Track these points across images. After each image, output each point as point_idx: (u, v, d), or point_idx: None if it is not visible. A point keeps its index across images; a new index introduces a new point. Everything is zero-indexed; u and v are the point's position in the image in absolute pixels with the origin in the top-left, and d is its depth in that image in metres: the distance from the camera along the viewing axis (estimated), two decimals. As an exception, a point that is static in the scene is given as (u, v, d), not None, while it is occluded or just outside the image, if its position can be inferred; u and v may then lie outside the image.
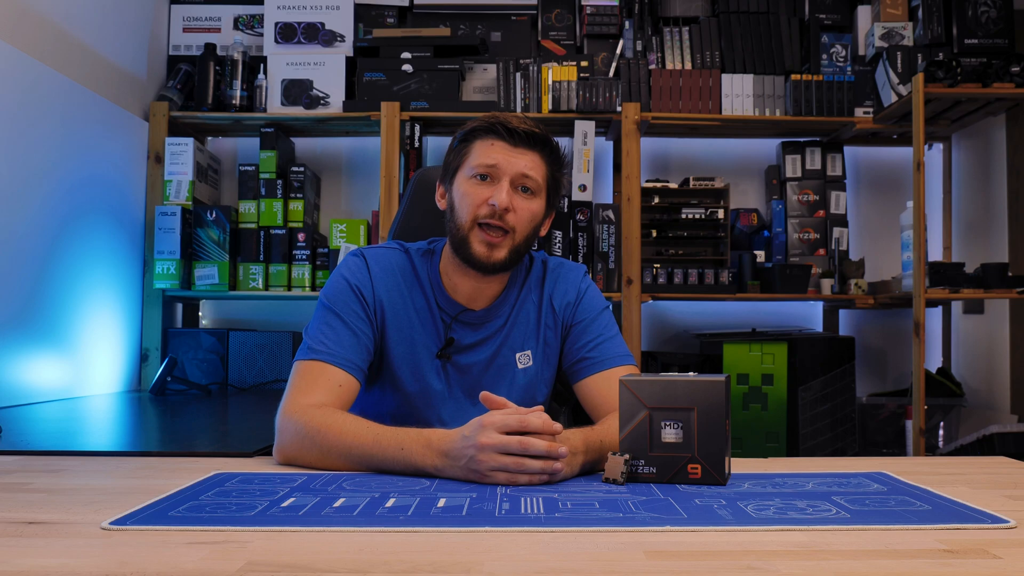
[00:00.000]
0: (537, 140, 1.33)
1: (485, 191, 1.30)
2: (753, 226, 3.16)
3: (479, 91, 3.12)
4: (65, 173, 2.43)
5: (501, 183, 1.30)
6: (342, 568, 0.71)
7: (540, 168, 1.33)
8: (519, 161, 1.31)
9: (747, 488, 1.05)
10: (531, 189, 1.32)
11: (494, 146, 1.31)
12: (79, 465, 1.22)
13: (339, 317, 1.32)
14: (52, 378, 2.36)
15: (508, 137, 1.31)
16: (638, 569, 0.72)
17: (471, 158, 1.33)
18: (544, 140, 1.34)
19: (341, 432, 1.15)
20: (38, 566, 0.72)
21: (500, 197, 1.28)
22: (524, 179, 1.31)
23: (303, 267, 2.98)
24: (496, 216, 1.29)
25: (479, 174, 1.31)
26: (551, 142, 1.35)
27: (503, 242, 1.31)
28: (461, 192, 1.33)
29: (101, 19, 2.69)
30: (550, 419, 1.07)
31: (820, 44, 3.10)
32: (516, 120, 1.32)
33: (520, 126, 1.31)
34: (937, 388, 2.95)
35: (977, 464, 1.29)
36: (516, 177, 1.31)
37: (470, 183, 1.32)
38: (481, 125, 1.33)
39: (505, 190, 1.29)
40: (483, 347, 1.39)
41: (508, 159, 1.30)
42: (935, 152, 3.30)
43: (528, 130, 1.31)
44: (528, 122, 1.33)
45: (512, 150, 1.31)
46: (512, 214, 1.30)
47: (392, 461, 1.11)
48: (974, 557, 0.75)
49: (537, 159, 1.33)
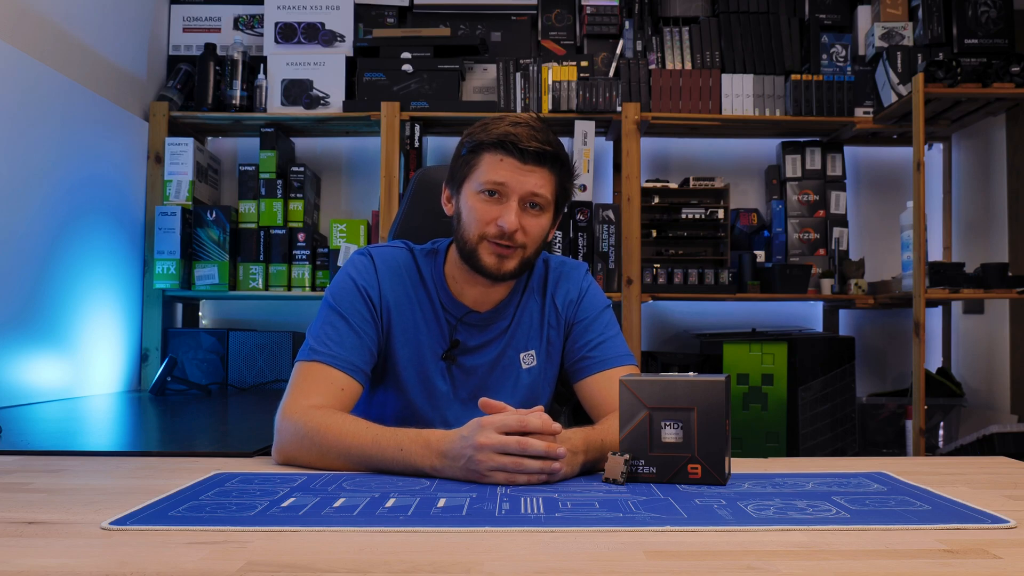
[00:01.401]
0: (547, 157, 1.30)
1: (493, 210, 1.29)
2: (753, 226, 3.16)
3: (479, 91, 3.12)
4: (65, 173, 2.43)
5: (510, 203, 1.29)
6: (342, 568, 0.71)
7: (549, 184, 1.32)
8: (528, 180, 1.29)
9: (747, 488, 1.05)
10: (540, 205, 1.31)
11: (503, 162, 1.29)
12: (79, 465, 1.22)
13: (343, 318, 1.32)
14: (52, 378, 2.36)
15: (518, 155, 1.28)
16: (638, 569, 0.72)
17: (479, 172, 1.31)
18: (554, 156, 1.31)
19: (340, 433, 1.15)
20: (38, 566, 0.72)
21: (509, 219, 1.28)
22: (533, 196, 1.30)
23: (303, 267, 2.98)
24: (505, 237, 1.29)
25: (487, 190, 1.30)
26: (560, 156, 1.32)
27: (513, 254, 1.31)
28: (469, 206, 1.31)
29: (101, 19, 2.69)
30: (550, 419, 1.07)
31: (820, 44, 3.10)
32: (527, 137, 1.28)
33: (530, 145, 1.28)
34: (937, 388, 2.95)
35: (977, 464, 1.29)
36: (525, 196, 1.29)
37: (478, 199, 1.30)
38: (490, 139, 1.30)
39: (514, 211, 1.28)
40: (488, 349, 1.39)
41: (517, 178, 1.28)
42: (935, 152, 3.30)
43: (539, 148, 1.28)
44: (539, 136, 1.29)
45: (521, 168, 1.29)
46: (521, 232, 1.30)
47: (391, 461, 1.11)
48: (974, 557, 0.75)
49: (546, 175, 1.31)
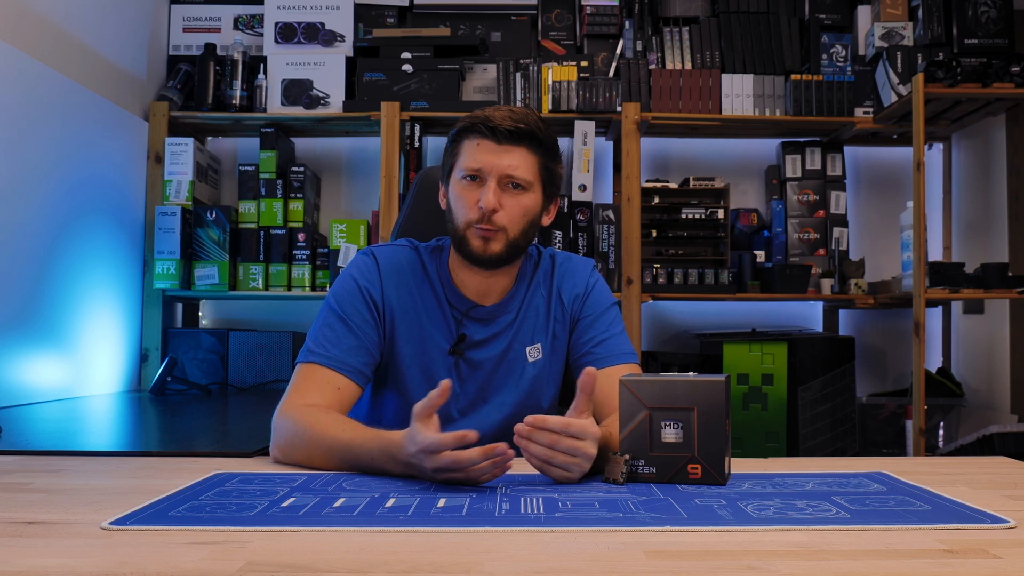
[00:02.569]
0: (523, 136, 1.30)
1: (474, 193, 1.30)
2: (753, 226, 3.16)
3: (479, 91, 3.12)
4: (65, 173, 2.42)
5: (488, 184, 1.29)
6: (342, 568, 0.71)
7: (528, 162, 1.31)
8: (503, 160, 1.29)
9: (747, 488, 1.05)
10: (520, 184, 1.31)
11: (480, 146, 1.30)
12: (79, 465, 1.22)
13: (343, 320, 1.32)
14: (52, 378, 2.36)
15: (492, 136, 1.29)
16: (638, 569, 0.72)
17: (460, 159, 1.33)
18: (530, 134, 1.31)
19: (323, 431, 1.17)
20: (38, 566, 0.72)
21: (487, 198, 1.28)
22: (510, 177, 1.30)
23: (303, 267, 2.98)
24: (485, 219, 1.29)
25: (467, 175, 1.31)
26: (538, 134, 1.32)
27: (497, 236, 1.31)
28: (455, 194, 1.33)
29: (101, 19, 2.69)
30: (463, 434, 1.01)
31: (820, 44, 3.10)
32: (500, 116, 1.29)
33: (502, 123, 1.28)
34: (937, 388, 2.95)
35: (977, 464, 1.29)
36: (502, 176, 1.30)
37: (461, 185, 1.32)
38: (466, 124, 1.32)
39: (492, 190, 1.29)
40: (494, 343, 1.40)
41: (493, 159, 1.29)
42: (935, 152, 3.30)
43: (511, 127, 1.29)
44: (513, 116, 1.30)
45: (497, 148, 1.30)
46: (501, 213, 1.30)
47: (367, 469, 1.13)
48: (974, 557, 0.75)
49: (524, 154, 1.31)
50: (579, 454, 1.05)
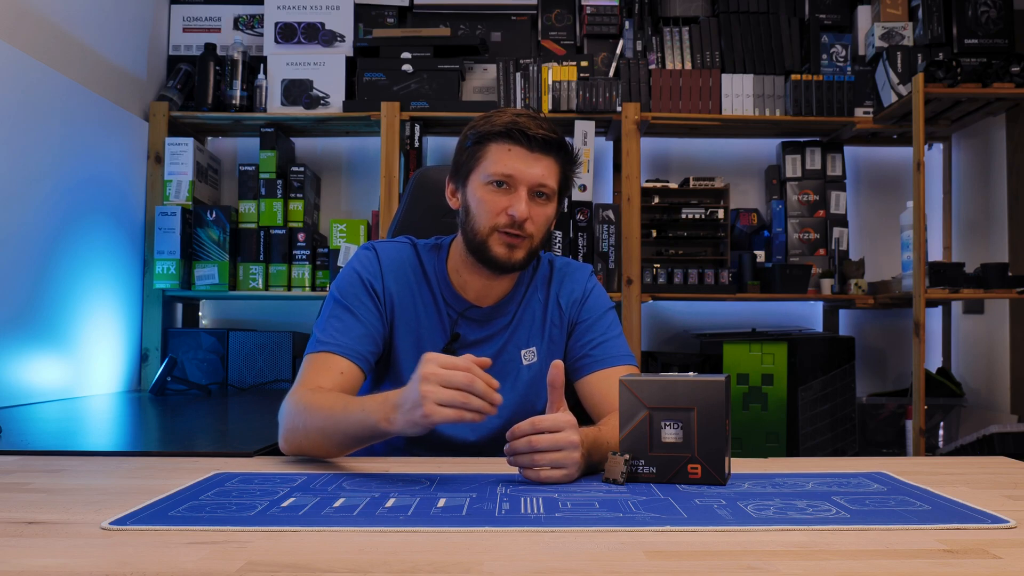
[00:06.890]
0: (553, 145, 1.31)
1: (503, 200, 1.30)
2: (753, 226, 3.16)
3: (479, 91, 3.12)
4: (65, 173, 2.42)
5: (519, 192, 1.30)
6: (342, 568, 0.71)
7: (555, 173, 1.33)
8: (536, 169, 1.30)
9: (747, 488, 1.05)
10: (546, 194, 1.33)
11: (511, 152, 1.30)
12: (79, 465, 1.22)
13: (348, 310, 1.34)
14: (52, 378, 2.36)
15: (525, 143, 1.30)
16: (638, 569, 0.72)
17: (487, 163, 1.32)
18: (560, 144, 1.33)
19: (319, 406, 1.18)
20: (38, 566, 0.72)
21: (520, 208, 1.29)
22: (541, 186, 1.31)
23: (303, 267, 2.98)
24: (516, 226, 1.30)
25: (496, 181, 1.30)
26: (566, 145, 1.34)
27: (522, 244, 1.32)
28: (478, 198, 1.32)
29: (101, 19, 2.69)
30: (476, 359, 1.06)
31: (820, 44, 3.10)
32: (534, 125, 1.30)
33: (538, 132, 1.30)
34: (937, 388, 2.95)
35: (977, 464, 1.29)
36: (533, 185, 1.31)
37: (487, 190, 1.31)
38: (497, 129, 1.31)
39: (524, 200, 1.29)
40: (489, 344, 1.40)
41: (525, 167, 1.30)
42: (935, 152, 3.30)
43: (545, 136, 1.30)
44: (544, 124, 1.31)
45: (529, 156, 1.30)
46: (530, 222, 1.31)
47: (356, 424, 1.13)
48: (974, 557, 0.75)
49: (552, 164, 1.32)
50: (560, 446, 1.06)
